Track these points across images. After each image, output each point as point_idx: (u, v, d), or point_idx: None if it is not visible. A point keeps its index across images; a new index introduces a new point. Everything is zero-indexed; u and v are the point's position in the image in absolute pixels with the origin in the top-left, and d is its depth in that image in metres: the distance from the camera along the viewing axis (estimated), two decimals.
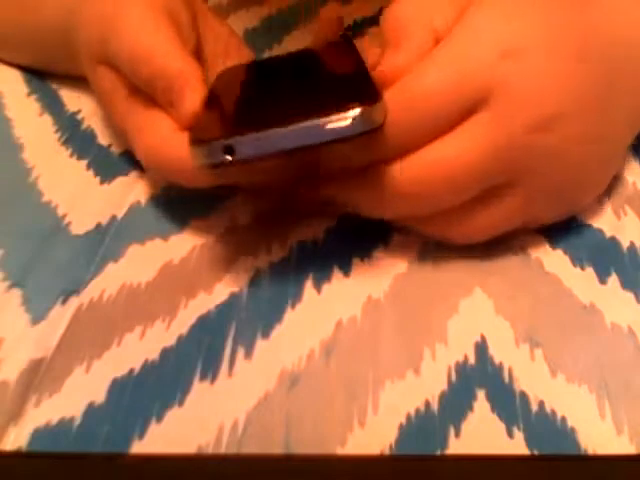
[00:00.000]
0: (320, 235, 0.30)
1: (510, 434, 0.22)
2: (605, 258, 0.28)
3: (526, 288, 0.27)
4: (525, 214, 0.27)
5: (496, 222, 0.27)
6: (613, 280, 0.27)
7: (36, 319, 0.26)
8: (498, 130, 0.25)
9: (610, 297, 0.26)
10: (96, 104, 0.38)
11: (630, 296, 0.26)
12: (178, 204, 0.32)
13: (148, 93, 0.29)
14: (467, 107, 0.25)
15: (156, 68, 0.28)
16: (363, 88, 0.25)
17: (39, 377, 0.24)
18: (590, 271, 0.27)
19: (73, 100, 0.39)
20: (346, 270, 0.28)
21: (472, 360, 0.24)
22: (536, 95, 0.25)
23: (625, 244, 0.28)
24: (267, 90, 0.29)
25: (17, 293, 0.27)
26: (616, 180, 0.30)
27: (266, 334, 0.25)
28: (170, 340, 0.25)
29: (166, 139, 0.27)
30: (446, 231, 0.27)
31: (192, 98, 0.27)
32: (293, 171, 0.28)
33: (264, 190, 0.31)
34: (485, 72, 0.25)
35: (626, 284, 0.27)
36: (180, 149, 0.26)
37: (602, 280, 0.27)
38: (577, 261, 0.28)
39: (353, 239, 0.30)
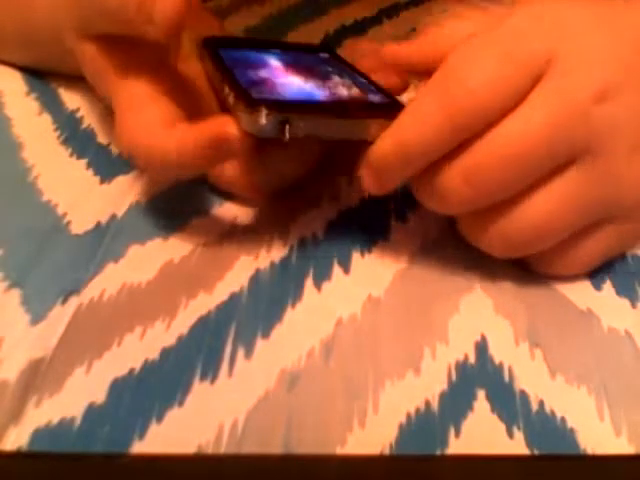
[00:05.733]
0: (320, 233, 0.30)
1: (510, 434, 0.22)
2: (598, 266, 0.28)
3: (525, 287, 0.27)
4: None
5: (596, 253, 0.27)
6: (608, 287, 0.27)
7: (36, 319, 0.26)
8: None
9: (605, 303, 0.27)
10: (95, 103, 0.38)
11: (625, 302, 0.27)
12: (178, 203, 0.32)
13: (128, 35, 0.28)
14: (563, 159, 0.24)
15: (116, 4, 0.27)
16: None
17: (39, 377, 0.24)
18: (584, 278, 0.28)
19: (72, 99, 0.39)
20: (346, 268, 0.28)
21: (472, 359, 0.24)
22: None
23: None
24: (305, 71, 0.31)
25: (17, 293, 0.27)
26: None
27: (266, 334, 0.25)
28: (170, 340, 0.25)
29: (151, 131, 0.27)
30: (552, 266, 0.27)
31: (161, 12, 0.26)
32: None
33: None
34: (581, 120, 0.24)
35: (620, 291, 0.27)
36: (162, 140, 0.26)
37: (597, 287, 0.27)
38: None
39: (353, 236, 0.30)
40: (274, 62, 0.32)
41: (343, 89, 0.29)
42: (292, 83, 0.29)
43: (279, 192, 0.31)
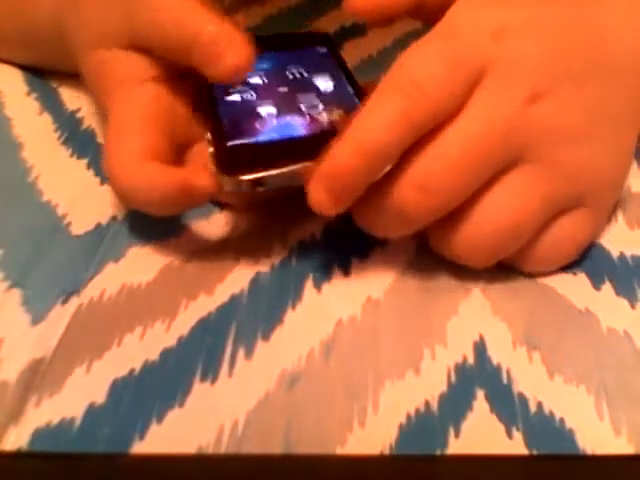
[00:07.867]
0: (319, 235, 0.30)
1: (509, 434, 0.22)
2: (597, 266, 0.28)
3: (523, 288, 0.27)
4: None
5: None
6: (607, 287, 0.27)
7: (36, 319, 0.26)
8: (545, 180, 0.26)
9: (604, 303, 0.27)
10: (96, 103, 0.38)
11: (624, 302, 0.27)
12: None
13: (175, 60, 0.29)
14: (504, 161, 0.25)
15: (190, 34, 0.28)
16: None
17: (39, 377, 0.24)
18: (584, 279, 0.28)
19: (73, 99, 0.39)
20: (346, 270, 0.28)
21: (471, 360, 0.25)
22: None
23: (615, 253, 0.29)
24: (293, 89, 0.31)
25: (17, 293, 0.27)
26: None
27: (266, 335, 0.26)
28: (170, 341, 0.25)
29: (127, 162, 0.27)
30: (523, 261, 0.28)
31: (232, 56, 0.28)
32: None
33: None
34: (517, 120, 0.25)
35: (620, 291, 0.27)
36: (134, 175, 0.27)
37: (596, 287, 0.27)
38: (569, 270, 0.28)
39: (352, 238, 0.30)
40: (263, 75, 0.31)
41: (324, 113, 0.29)
42: (272, 112, 0.29)
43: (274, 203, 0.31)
